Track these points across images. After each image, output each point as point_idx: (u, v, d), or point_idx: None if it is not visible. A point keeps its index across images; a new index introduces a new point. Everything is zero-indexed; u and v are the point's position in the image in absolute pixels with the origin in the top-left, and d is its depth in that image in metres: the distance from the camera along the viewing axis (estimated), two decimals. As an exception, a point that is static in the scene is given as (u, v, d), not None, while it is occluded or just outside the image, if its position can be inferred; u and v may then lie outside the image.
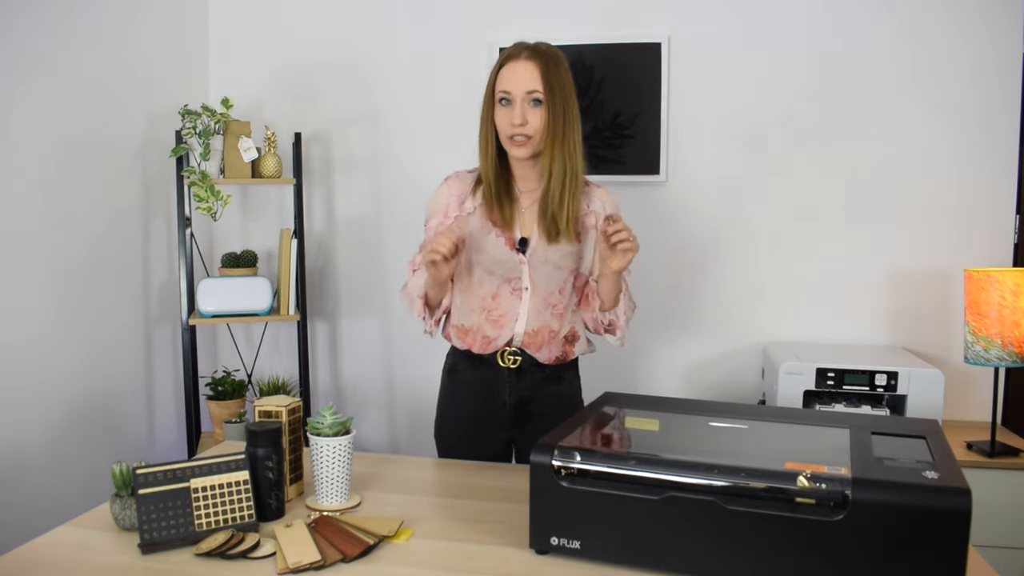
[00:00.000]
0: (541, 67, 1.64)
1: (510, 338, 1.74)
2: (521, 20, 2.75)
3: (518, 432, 1.80)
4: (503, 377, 1.76)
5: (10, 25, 2.12)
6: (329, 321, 3.00)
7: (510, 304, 1.73)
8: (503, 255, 1.71)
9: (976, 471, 2.14)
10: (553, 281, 1.73)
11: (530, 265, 1.71)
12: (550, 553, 1.24)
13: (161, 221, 2.75)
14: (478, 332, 1.75)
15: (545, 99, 1.64)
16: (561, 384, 1.80)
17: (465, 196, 1.75)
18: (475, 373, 1.78)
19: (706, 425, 1.39)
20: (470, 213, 1.74)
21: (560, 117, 1.65)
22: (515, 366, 1.75)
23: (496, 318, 1.73)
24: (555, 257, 1.71)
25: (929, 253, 2.58)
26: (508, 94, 1.65)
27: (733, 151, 2.67)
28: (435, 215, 1.77)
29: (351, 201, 2.93)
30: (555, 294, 1.74)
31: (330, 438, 1.41)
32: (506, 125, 1.66)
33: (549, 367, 1.77)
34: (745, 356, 2.71)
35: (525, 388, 1.76)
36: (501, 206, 1.71)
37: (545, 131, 1.65)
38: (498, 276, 1.72)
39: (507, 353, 1.74)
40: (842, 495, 1.07)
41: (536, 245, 1.71)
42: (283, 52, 2.93)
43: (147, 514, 1.27)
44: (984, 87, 2.51)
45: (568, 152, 1.67)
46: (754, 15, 2.62)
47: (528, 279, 1.72)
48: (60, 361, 2.30)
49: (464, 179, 1.78)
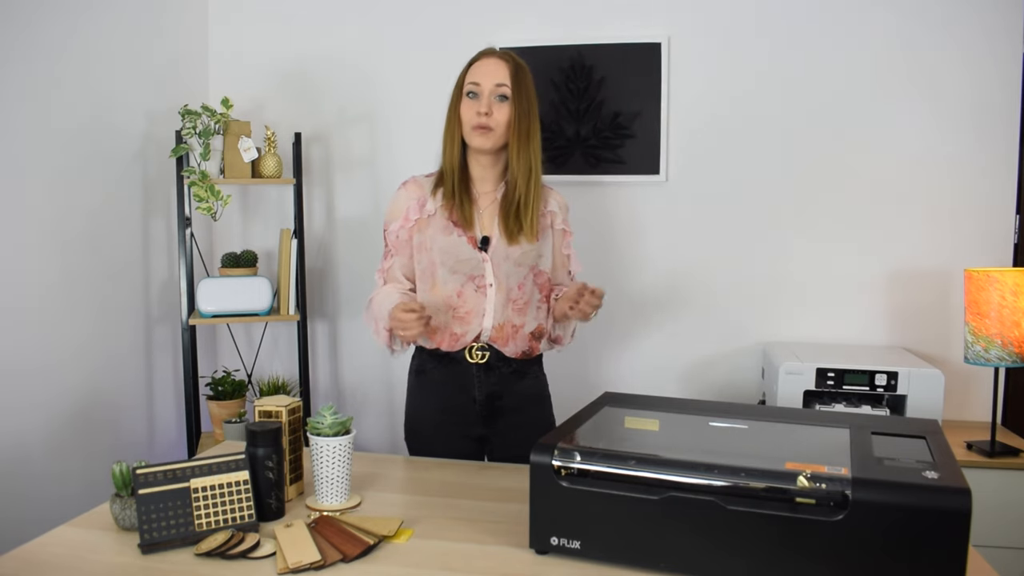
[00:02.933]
0: (510, 66, 1.73)
1: (478, 333, 1.77)
2: (521, 20, 2.75)
3: (489, 430, 1.82)
4: (471, 373, 1.79)
5: (10, 25, 2.12)
6: (329, 321, 3.00)
7: (475, 301, 1.76)
8: (466, 253, 1.75)
9: (976, 471, 2.14)
10: (513, 278, 1.78)
11: (493, 262, 1.76)
12: (550, 553, 1.24)
13: (161, 221, 2.75)
14: (445, 330, 1.78)
15: (512, 95, 1.71)
16: (527, 379, 1.84)
17: (425, 199, 1.79)
18: (443, 371, 1.80)
19: (706, 425, 1.39)
20: (431, 215, 1.78)
21: (525, 116, 1.72)
22: (483, 361, 1.78)
23: (463, 315, 1.76)
24: (515, 255, 1.76)
25: (929, 253, 2.58)
26: (476, 86, 1.72)
27: (733, 151, 2.67)
28: (395, 219, 1.80)
29: (351, 201, 2.93)
30: (515, 290, 1.78)
31: (330, 438, 1.41)
32: (471, 115, 1.72)
33: (515, 362, 1.80)
34: (745, 356, 2.71)
35: (494, 383, 1.79)
36: (461, 204, 1.76)
37: (508, 127, 1.72)
38: (461, 274, 1.76)
39: (475, 349, 1.77)
40: (842, 495, 1.07)
41: (497, 243, 1.76)
42: (283, 52, 2.93)
43: (147, 514, 1.27)
44: (984, 87, 2.51)
45: (533, 151, 1.74)
46: (754, 15, 2.62)
47: (492, 275, 1.76)
48: (60, 361, 2.30)
49: (422, 183, 1.82)
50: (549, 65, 2.68)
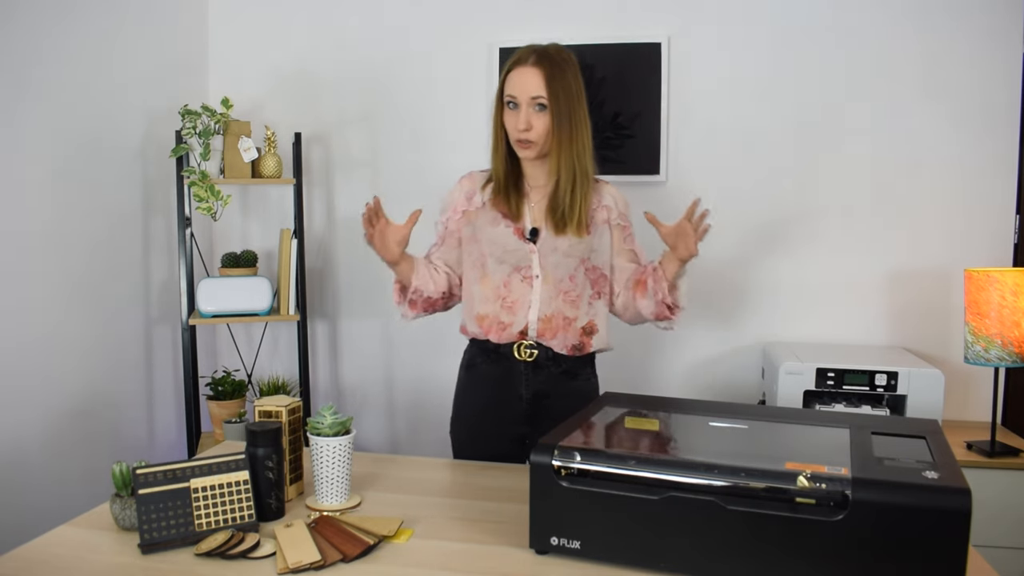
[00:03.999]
0: (546, 73, 1.70)
1: (524, 325, 1.77)
2: (521, 20, 2.75)
3: (532, 429, 1.81)
4: (519, 370, 1.79)
5: (10, 25, 2.12)
6: (329, 321, 3.00)
7: (521, 291, 1.78)
8: (512, 244, 1.77)
9: (976, 471, 2.14)
10: (562, 269, 1.77)
11: (540, 253, 1.77)
12: (550, 553, 1.24)
13: (161, 221, 2.75)
14: (494, 319, 1.79)
15: (549, 105, 1.70)
16: (578, 381, 1.82)
17: (474, 192, 1.84)
18: (492, 367, 1.81)
19: (706, 425, 1.39)
20: (479, 208, 1.82)
21: (566, 121, 1.71)
22: (531, 359, 1.78)
23: (509, 304, 1.78)
24: (563, 246, 1.76)
25: (929, 253, 2.58)
26: (514, 98, 1.72)
27: (733, 151, 2.67)
28: (446, 211, 1.88)
29: (351, 201, 2.93)
30: (565, 281, 1.78)
31: (330, 438, 1.41)
32: (512, 128, 1.74)
33: (566, 361, 1.79)
34: (745, 356, 2.71)
35: (541, 382, 1.79)
36: (509, 198, 1.78)
37: (549, 135, 1.72)
38: (508, 265, 1.78)
39: (523, 346, 1.78)
40: (842, 495, 1.07)
41: (545, 235, 1.77)
42: (283, 52, 2.93)
43: (147, 514, 1.27)
44: (984, 87, 2.51)
45: (577, 153, 1.73)
46: (754, 15, 2.62)
47: (538, 267, 1.77)
48: (60, 361, 2.30)
49: (476, 178, 1.87)
50: (549, 65, 2.68)
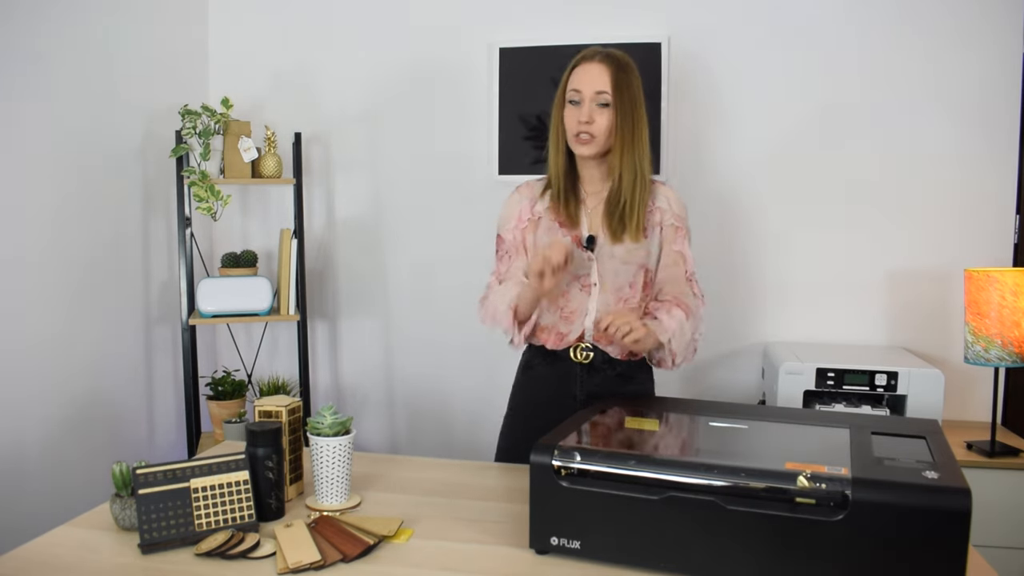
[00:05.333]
0: (612, 70, 1.69)
1: (581, 333, 1.76)
2: (521, 20, 2.75)
3: None
4: (575, 372, 1.77)
5: (10, 25, 2.12)
6: (329, 321, 3.00)
7: (579, 300, 1.76)
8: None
9: (976, 471, 2.14)
10: (622, 276, 1.75)
11: (598, 261, 1.75)
12: (550, 553, 1.24)
13: (161, 221, 2.75)
14: (552, 329, 1.78)
15: (613, 101, 1.69)
16: (633, 384, 1.80)
17: (535, 200, 1.81)
18: (549, 368, 1.80)
19: (706, 425, 1.39)
20: (539, 217, 1.79)
21: (628, 120, 1.70)
22: (587, 361, 1.76)
23: (567, 314, 1.76)
24: (621, 253, 1.74)
25: (929, 253, 2.58)
26: (578, 93, 1.71)
27: (733, 151, 2.67)
28: (509, 221, 1.83)
29: (351, 201, 2.93)
30: (625, 288, 1.76)
31: (330, 438, 1.41)
32: (573, 123, 1.71)
33: (621, 364, 1.77)
34: (745, 356, 2.71)
35: (596, 384, 1.77)
36: (567, 205, 1.76)
37: (611, 132, 1.70)
38: (567, 274, 1.75)
39: (580, 348, 1.76)
40: (842, 495, 1.07)
41: (603, 242, 1.75)
42: (283, 52, 2.93)
43: (147, 514, 1.27)
44: (984, 87, 2.51)
45: (638, 155, 1.72)
46: (754, 15, 2.62)
47: (596, 275, 1.75)
48: (60, 361, 2.30)
49: (533, 186, 1.85)
50: (549, 65, 2.68)
